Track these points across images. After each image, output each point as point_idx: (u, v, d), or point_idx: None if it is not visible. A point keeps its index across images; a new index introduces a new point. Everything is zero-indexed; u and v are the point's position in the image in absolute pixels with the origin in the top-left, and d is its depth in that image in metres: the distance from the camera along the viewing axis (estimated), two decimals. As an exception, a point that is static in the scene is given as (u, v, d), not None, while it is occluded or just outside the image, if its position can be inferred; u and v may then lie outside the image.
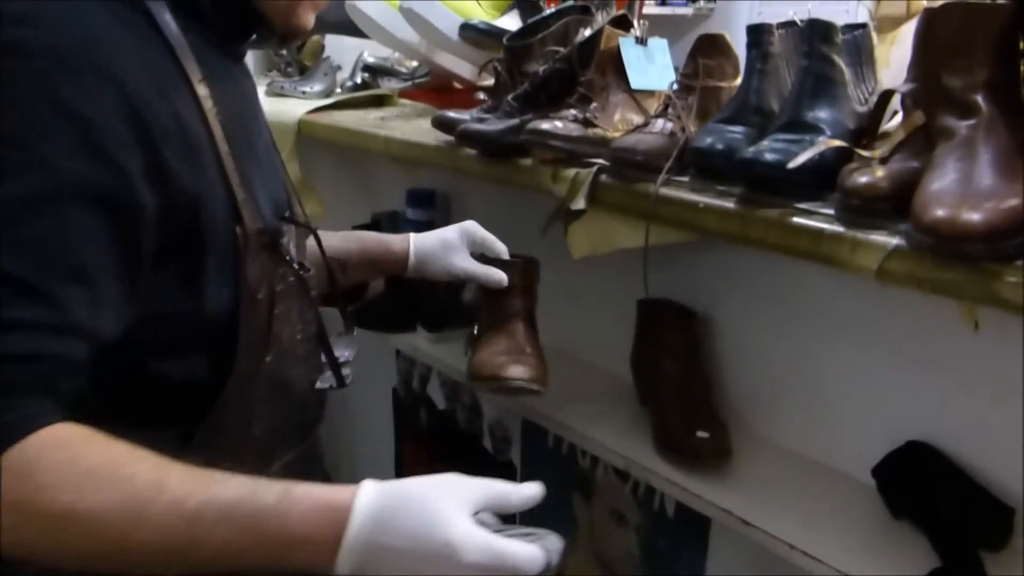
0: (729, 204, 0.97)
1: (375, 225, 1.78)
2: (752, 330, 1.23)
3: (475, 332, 1.22)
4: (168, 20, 0.76)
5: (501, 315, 1.19)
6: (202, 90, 0.77)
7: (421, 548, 0.65)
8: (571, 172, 1.15)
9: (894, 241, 0.82)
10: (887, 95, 0.93)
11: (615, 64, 1.21)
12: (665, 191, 1.04)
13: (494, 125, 1.25)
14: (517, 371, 1.12)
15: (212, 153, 0.77)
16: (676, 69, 1.19)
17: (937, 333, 1.02)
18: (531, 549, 0.68)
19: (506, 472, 1.67)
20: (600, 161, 1.13)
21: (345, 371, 1.02)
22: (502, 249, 1.19)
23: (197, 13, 0.80)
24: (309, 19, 0.89)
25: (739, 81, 1.12)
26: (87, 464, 0.63)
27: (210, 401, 0.81)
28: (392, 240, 1.18)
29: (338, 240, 1.14)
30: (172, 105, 0.73)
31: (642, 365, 1.29)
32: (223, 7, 0.83)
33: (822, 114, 0.96)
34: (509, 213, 1.57)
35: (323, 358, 0.99)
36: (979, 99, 0.80)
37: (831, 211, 0.89)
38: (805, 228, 0.89)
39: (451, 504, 0.67)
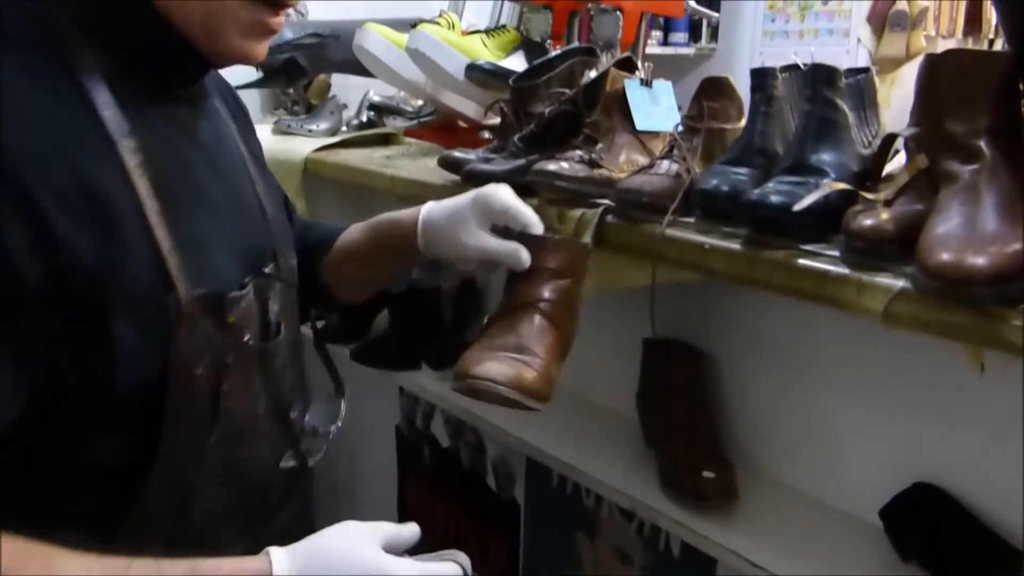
0: (735, 245, 0.98)
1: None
2: (758, 370, 1.24)
3: (483, 322, 1.01)
4: (89, 70, 0.70)
5: (515, 303, 0.96)
6: (127, 144, 0.70)
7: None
8: (577, 212, 1.16)
9: (900, 283, 0.83)
10: (890, 139, 0.95)
11: (620, 106, 1.23)
12: (671, 232, 1.04)
13: (500, 165, 1.27)
14: (503, 374, 0.89)
15: (135, 215, 0.70)
16: (680, 109, 1.21)
17: (943, 374, 1.03)
18: (451, 565, 0.76)
19: (510, 510, 1.67)
20: (606, 202, 1.14)
21: (317, 446, 0.94)
22: (531, 220, 0.96)
23: (129, 59, 0.74)
24: (245, 46, 0.77)
25: (743, 123, 1.13)
26: None
27: (141, 487, 0.75)
28: (402, 217, 1.02)
29: (354, 233, 1.08)
30: (77, 167, 0.67)
31: (648, 404, 1.29)
32: (148, 46, 0.75)
33: (826, 157, 0.97)
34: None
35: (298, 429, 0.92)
36: (982, 144, 0.81)
37: (836, 253, 0.90)
38: (810, 270, 0.90)
39: (363, 542, 0.73)
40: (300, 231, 1.10)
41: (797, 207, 0.89)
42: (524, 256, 0.94)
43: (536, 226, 0.97)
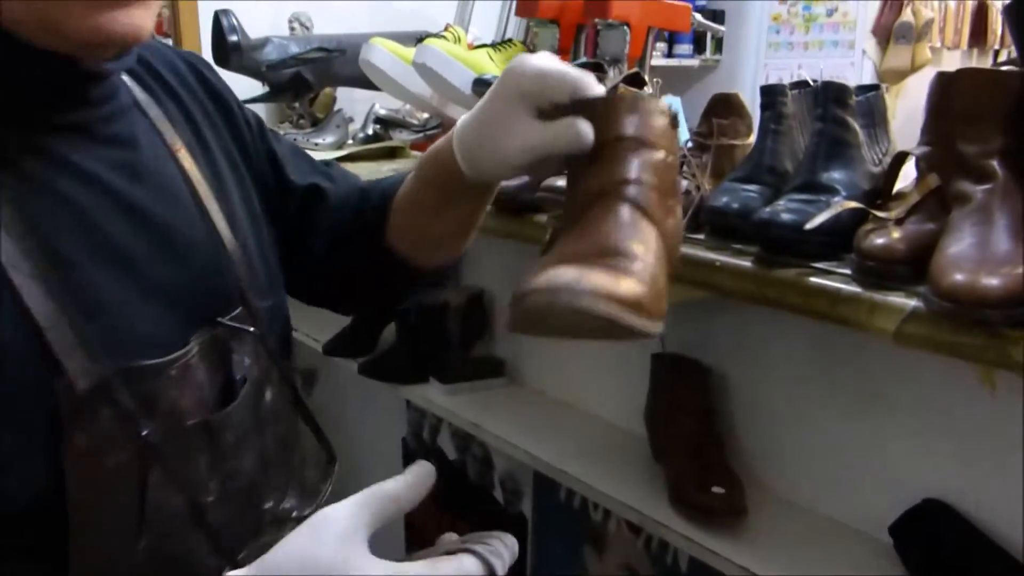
0: (745, 263, 0.98)
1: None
2: (768, 387, 1.24)
3: (547, 236, 0.76)
4: None
5: (586, 196, 0.68)
6: None
7: None
8: (586, 228, 1.16)
9: (911, 303, 0.82)
10: (901, 157, 0.95)
11: (629, 122, 1.22)
12: (682, 249, 1.04)
13: (509, 182, 1.26)
14: (586, 280, 0.58)
15: (5, 287, 0.56)
16: (685, 122, 1.21)
17: (953, 392, 1.02)
18: (460, 561, 0.56)
19: (517, 525, 1.66)
20: (615, 218, 1.14)
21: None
22: (582, 81, 0.70)
23: None
24: (92, 21, 0.58)
25: (752, 139, 1.14)
26: None
27: None
28: (440, 146, 0.81)
29: (408, 183, 0.88)
30: None
31: (656, 420, 1.29)
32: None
33: (837, 175, 0.97)
34: (521, 266, 1.58)
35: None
36: (995, 165, 0.81)
37: (847, 271, 0.90)
38: (822, 289, 0.89)
39: (337, 546, 0.54)
40: (358, 199, 0.93)
41: (808, 226, 0.89)
42: (584, 129, 0.67)
43: (590, 87, 0.70)
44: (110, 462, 0.59)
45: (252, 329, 0.71)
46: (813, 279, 0.91)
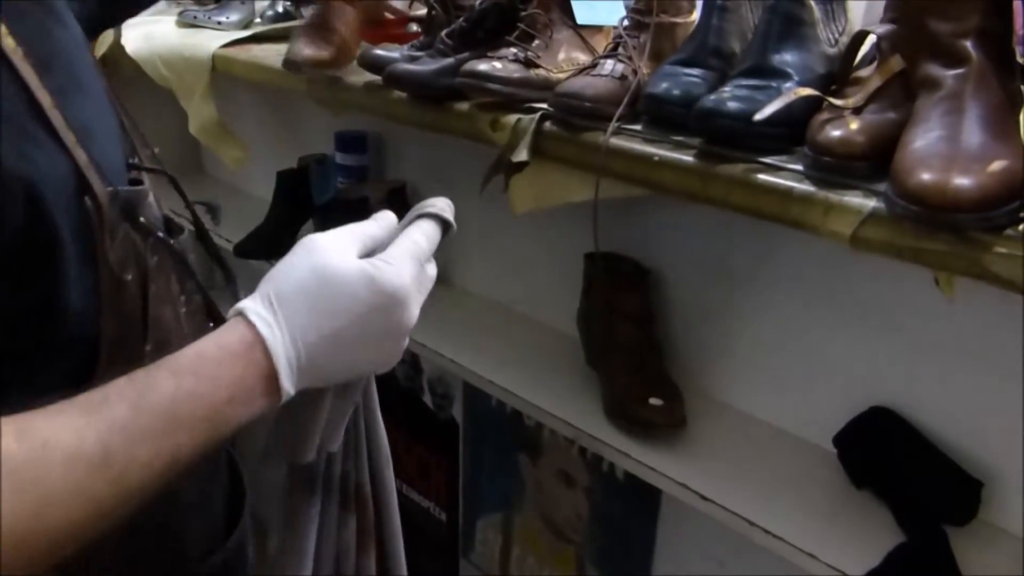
0: (687, 158, 0.88)
1: (303, 170, 1.66)
2: (709, 291, 1.16)
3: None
4: None
5: None
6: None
7: (352, 305, 0.58)
8: (512, 119, 1.04)
9: (871, 204, 0.74)
10: (860, 37, 0.84)
11: (560, -3, 1.10)
12: (616, 142, 0.94)
13: (426, 65, 1.13)
14: None
15: (31, 109, 0.56)
16: (626, 6, 1.09)
17: (905, 295, 0.96)
18: (427, 224, 0.66)
19: (449, 429, 1.60)
20: (543, 106, 1.03)
21: None
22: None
23: None
24: None
25: (695, 17, 1.02)
26: None
27: None
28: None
29: None
30: None
31: (590, 325, 1.21)
32: None
33: (789, 57, 0.87)
34: (447, 161, 1.47)
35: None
36: (969, 47, 0.71)
37: (800, 167, 0.81)
38: (773, 187, 0.80)
39: (339, 256, 0.59)
40: None
41: (758, 117, 0.79)
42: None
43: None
44: (126, 276, 0.61)
45: (163, 172, 0.74)
46: (762, 176, 0.82)
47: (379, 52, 1.22)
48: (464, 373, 1.29)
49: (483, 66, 1.04)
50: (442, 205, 0.67)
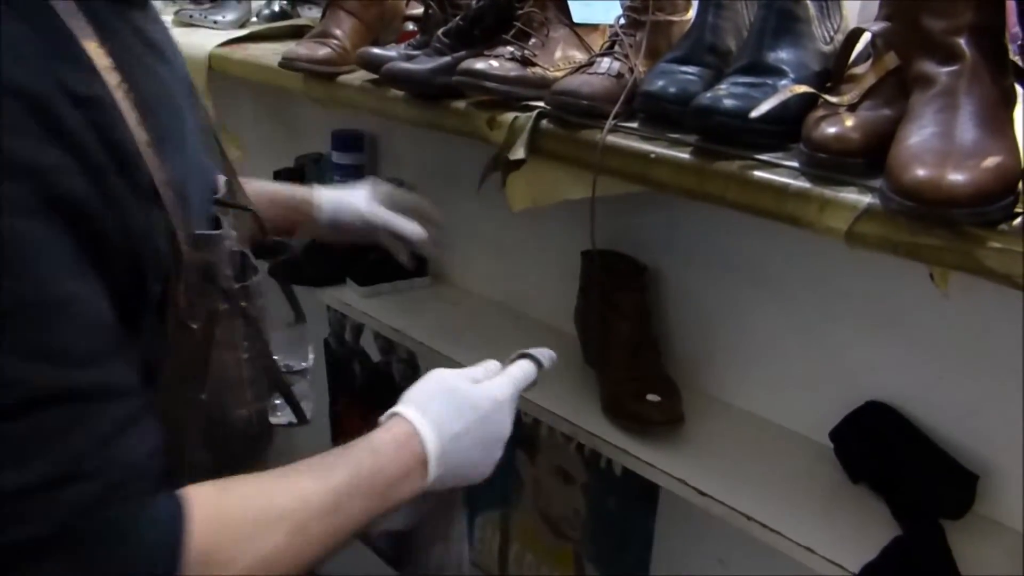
0: (684, 155, 0.88)
1: (299, 169, 1.66)
2: (706, 287, 1.16)
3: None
4: None
5: None
6: (102, 61, 0.57)
7: (472, 411, 0.75)
8: (509, 117, 1.04)
9: (866, 200, 0.74)
10: (855, 34, 0.85)
11: (556, -5, 1.10)
12: (613, 139, 0.94)
13: (423, 64, 1.14)
14: None
15: (129, 155, 0.59)
16: (622, 4, 1.09)
17: (901, 291, 0.96)
18: (525, 364, 0.84)
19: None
20: (540, 104, 1.03)
21: (306, 405, 0.87)
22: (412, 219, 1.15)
23: None
24: None
25: (692, 15, 1.02)
26: (238, 526, 0.60)
27: None
28: (296, 190, 1.13)
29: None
30: (84, 101, 0.55)
31: (588, 322, 1.22)
32: None
33: (785, 55, 0.87)
34: (444, 159, 1.47)
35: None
36: (962, 43, 0.71)
37: (795, 164, 0.81)
38: (768, 184, 0.81)
39: (458, 375, 0.79)
40: None
41: (754, 114, 0.80)
42: (418, 229, 1.15)
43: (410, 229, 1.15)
44: (192, 323, 0.68)
45: (247, 208, 0.82)
46: (758, 173, 0.82)
47: (376, 51, 1.23)
48: (462, 371, 1.29)
49: (480, 64, 1.05)
50: (544, 352, 0.85)
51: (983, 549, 0.90)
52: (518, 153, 1.02)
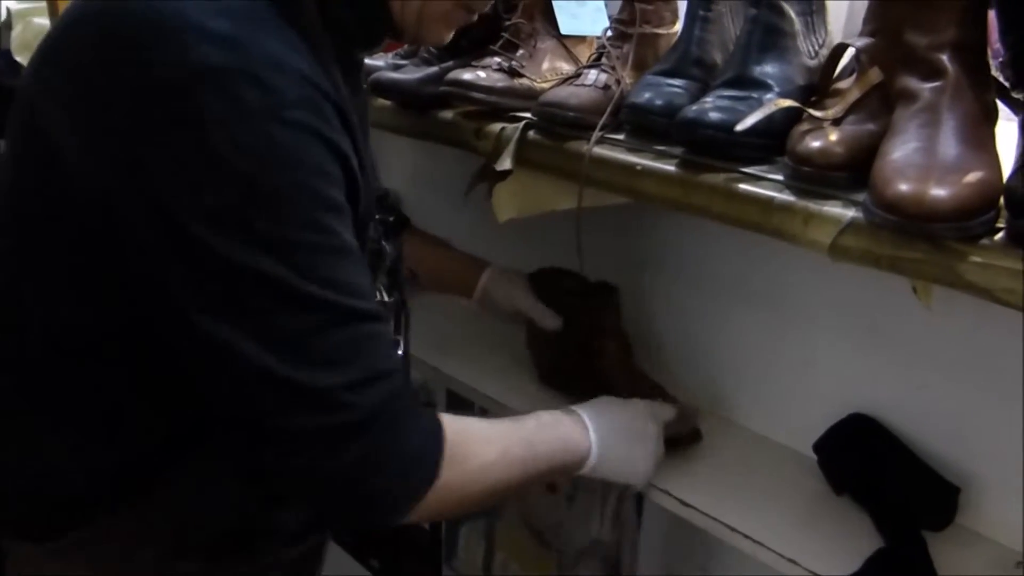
0: (670, 167, 0.89)
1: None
2: (691, 299, 1.17)
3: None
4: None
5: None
6: (343, 101, 0.72)
7: (627, 415, 0.97)
8: (496, 127, 1.05)
9: (849, 214, 0.75)
10: (840, 49, 0.85)
11: (543, 7, 1.11)
12: (599, 151, 0.95)
13: (411, 74, 1.14)
14: None
15: (360, 160, 0.74)
16: (609, 17, 1.10)
17: (884, 305, 0.97)
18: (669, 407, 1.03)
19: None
20: (527, 115, 1.04)
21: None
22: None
23: (336, 19, 0.76)
24: (445, 36, 0.87)
25: (678, 28, 1.03)
26: (471, 441, 0.80)
27: None
28: (468, 259, 1.25)
29: (421, 242, 1.22)
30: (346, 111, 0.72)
31: (538, 349, 1.23)
32: (363, 15, 0.79)
33: (770, 69, 0.88)
34: (430, 169, 1.47)
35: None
36: (945, 59, 0.72)
37: (780, 177, 0.82)
38: (753, 197, 0.81)
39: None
40: None
41: (739, 127, 0.80)
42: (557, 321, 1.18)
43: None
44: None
45: (391, 218, 0.99)
46: (743, 186, 0.83)
47: (365, 60, 1.23)
48: (447, 381, 1.30)
49: (467, 75, 1.05)
50: (691, 409, 1.08)
51: (965, 560, 0.91)
52: (505, 164, 1.03)
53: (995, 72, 0.76)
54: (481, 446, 0.81)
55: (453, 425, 0.78)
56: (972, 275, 0.68)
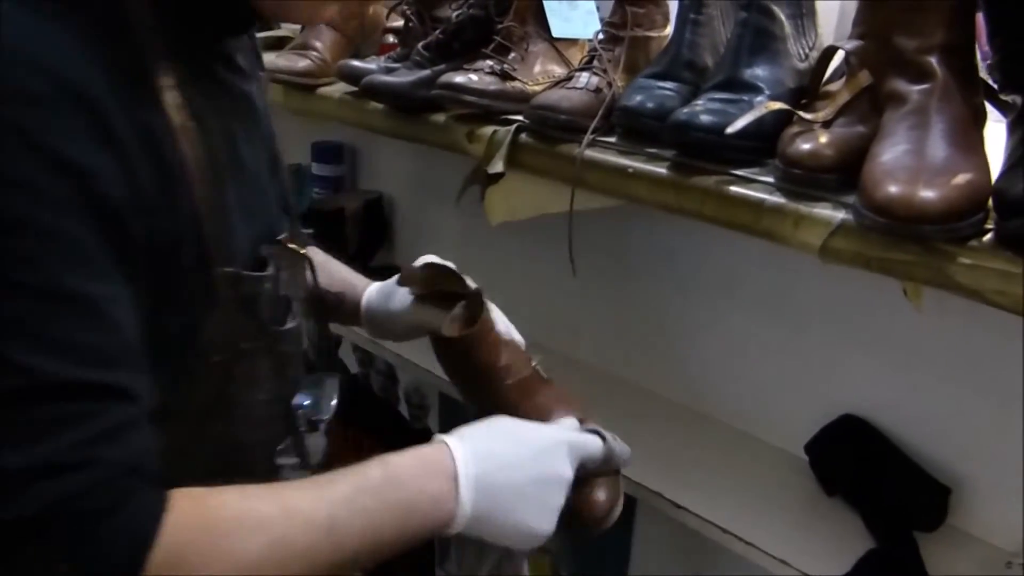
0: (661, 170, 0.89)
1: (278, 180, 1.66)
2: (683, 301, 1.17)
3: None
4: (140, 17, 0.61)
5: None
6: (171, 98, 0.61)
7: (524, 444, 0.70)
8: (488, 130, 1.05)
9: (839, 216, 0.75)
10: (830, 52, 0.86)
11: (535, 10, 1.11)
12: (591, 154, 0.95)
13: (403, 77, 1.14)
14: None
15: (182, 176, 0.61)
16: (601, 20, 1.10)
17: (875, 306, 0.98)
18: (595, 439, 0.76)
19: (422, 439, 1.59)
20: (519, 118, 1.04)
21: (314, 455, 0.79)
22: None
23: (178, 10, 0.64)
24: (319, 10, 0.72)
25: (669, 31, 1.03)
26: (217, 527, 0.58)
27: None
28: (348, 283, 0.98)
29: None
30: (139, 120, 0.58)
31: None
32: (212, 4, 0.67)
33: (760, 72, 0.88)
34: (423, 172, 1.48)
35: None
36: (934, 62, 0.73)
37: (771, 179, 0.82)
38: (744, 199, 0.82)
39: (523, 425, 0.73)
40: None
41: (730, 130, 0.80)
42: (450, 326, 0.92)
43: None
44: (215, 358, 0.66)
45: (303, 251, 0.78)
46: (734, 188, 0.83)
47: (356, 63, 1.23)
48: (440, 384, 1.29)
49: (459, 78, 1.05)
50: (622, 449, 0.79)
51: (956, 561, 0.91)
52: (497, 166, 1.03)
53: (983, 74, 0.77)
54: (230, 539, 0.58)
55: (196, 511, 0.58)
56: (961, 276, 0.68)
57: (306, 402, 0.78)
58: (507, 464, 0.68)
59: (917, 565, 0.89)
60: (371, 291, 0.98)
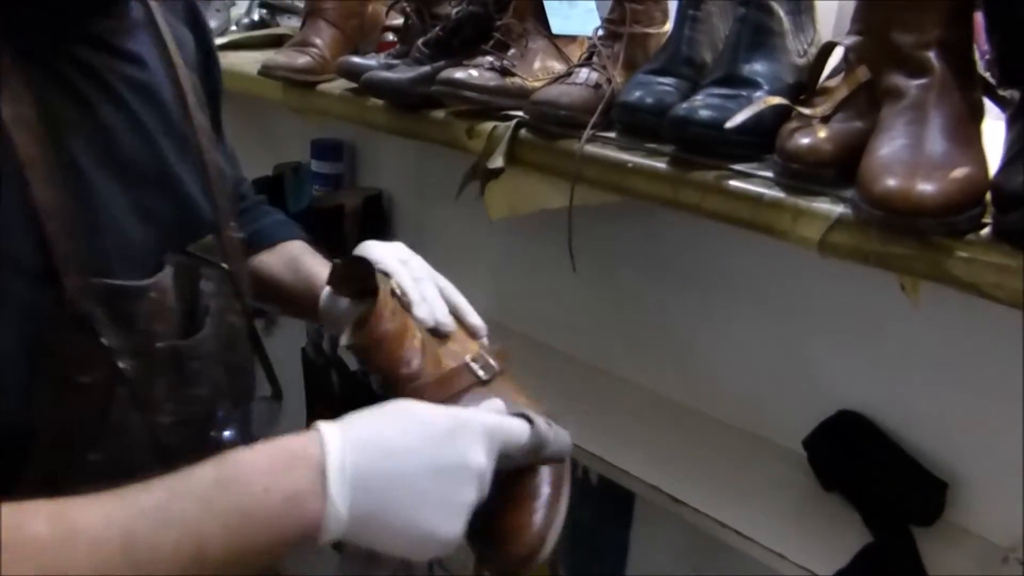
0: (660, 165, 0.89)
1: (278, 178, 1.66)
2: (680, 296, 1.17)
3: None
4: None
5: None
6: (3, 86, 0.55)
7: (419, 425, 0.55)
8: (488, 126, 1.05)
9: (838, 210, 0.76)
10: (828, 48, 0.86)
11: (535, 7, 1.11)
12: (590, 149, 0.95)
13: (403, 73, 1.14)
14: None
15: (14, 180, 0.55)
16: (600, 17, 1.10)
17: (873, 301, 0.98)
18: (520, 422, 0.60)
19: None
20: (519, 114, 1.04)
21: None
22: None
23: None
24: None
25: (668, 27, 1.04)
26: None
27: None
28: (309, 282, 0.89)
29: (278, 266, 0.90)
30: None
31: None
32: None
33: (759, 67, 0.88)
34: (422, 168, 1.48)
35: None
36: (932, 58, 0.73)
37: (769, 174, 0.83)
38: (743, 194, 0.82)
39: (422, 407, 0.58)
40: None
41: (729, 124, 0.81)
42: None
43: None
44: (82, 379, 0.59)
45: (224, 264, 0.72)
46: (733, 183, 0.83)
47: (356, 60, 1.24)
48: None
49: (459, 74, 1.05)
50: (558, 435, 0.62)
51: (952, 556, 0.91)
52: (497, 162, 1.03)
53: (981, 70, 0.77)
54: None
55: None
56: (959, 270, 0.69)
57: (226, 433, 0.71)
58: (396, 450, 0.53)
59: (914, 560, 0.89)
60: (326, 293, 0.87)
